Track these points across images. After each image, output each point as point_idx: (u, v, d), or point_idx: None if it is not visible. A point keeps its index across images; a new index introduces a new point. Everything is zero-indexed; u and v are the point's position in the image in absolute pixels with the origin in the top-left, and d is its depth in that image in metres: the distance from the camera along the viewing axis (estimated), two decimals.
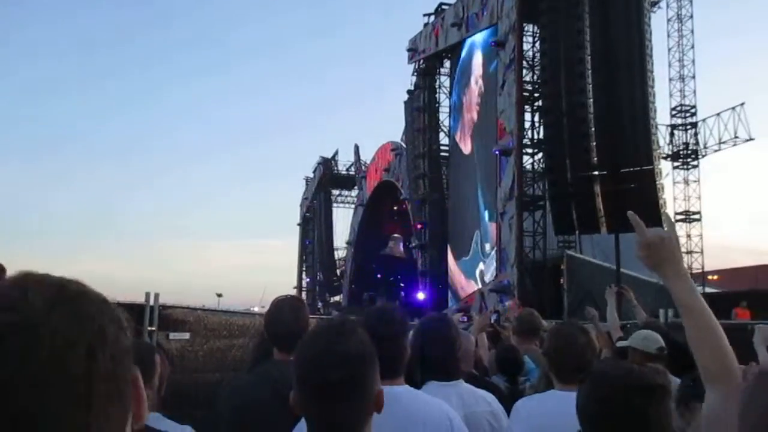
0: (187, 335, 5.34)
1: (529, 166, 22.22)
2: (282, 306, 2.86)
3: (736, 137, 22.20)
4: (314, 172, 49.90)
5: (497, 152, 22.58)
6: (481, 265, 24.36)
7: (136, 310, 5.04)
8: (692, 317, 1.62)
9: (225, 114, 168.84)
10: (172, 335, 5.22)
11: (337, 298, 46.34)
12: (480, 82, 25.75)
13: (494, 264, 22.50)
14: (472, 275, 25.34)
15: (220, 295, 44.10)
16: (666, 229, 1.77)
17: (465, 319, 5.94)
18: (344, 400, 1.43)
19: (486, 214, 24.56)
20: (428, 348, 2.61)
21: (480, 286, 23.75)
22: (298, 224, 54.28)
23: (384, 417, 1.73)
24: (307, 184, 52.61)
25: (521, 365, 4.31)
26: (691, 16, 23.40)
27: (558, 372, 2.62)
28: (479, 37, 25.60)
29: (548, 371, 3.25)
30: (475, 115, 26.41)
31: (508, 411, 2.68)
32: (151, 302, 5.09)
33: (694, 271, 23.49)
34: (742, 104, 21.99)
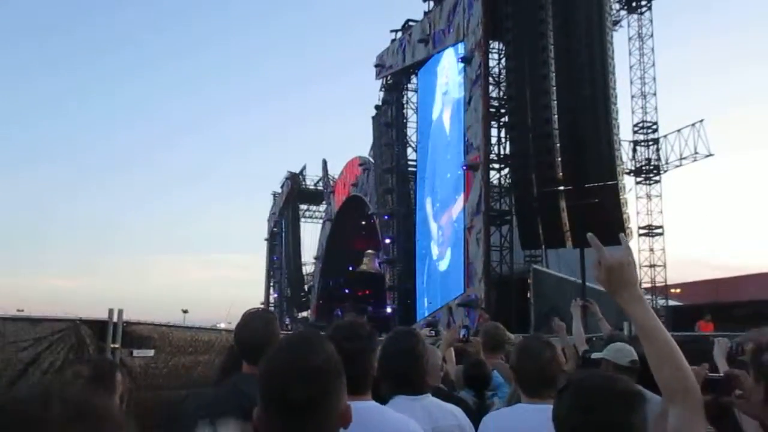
0: (151, 352, 5.25)
1: (495, 181, 22.42)
2: (253, 318, 2.83)
3: (696, 153, 22.70)
4: (282, 187, 49.70)
5: (464, 167, 22.77)
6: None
7: (98, 327, 4.95)
8: (651, 338, 1.68)
9: (191, 128, 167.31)
10: (136, 352, 5.13)
11: (304, 313, 46.05)
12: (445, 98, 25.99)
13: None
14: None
15: (185, 311, 43.52)
16: (623, 251, 1.78)
17: (433, 333, 5.94)
18: (310, 417, 1.38)
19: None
20: (395, 362, 2.60)
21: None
22: (266, 239, 53.90)
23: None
24: (274, 199, 52.34)
25: (489, 379, 4.33)
26: (652, 35, 23.96)
27: (524, 386, 2.64)
28: (448, 52, 25.86)
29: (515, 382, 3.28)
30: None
31: (476, 425, 2.68)
32: (115, 319, 5.00)
33: (658, 284, 23.86)
34: (701, 121, 22.53)
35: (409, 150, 30.73)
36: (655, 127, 23.57)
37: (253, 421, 1.43)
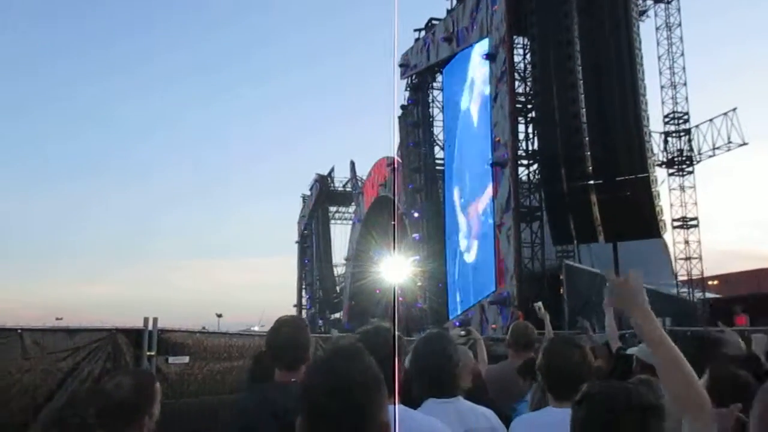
0: (186, 359, 5.32)
1: (524, 177, 22.25)
2: (284, 326, 2.86)
3: (729, 142, 22.27)
4: (311, 189, 49.93)
5: (491, 164, 22.66)
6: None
7: (134, 336, 5.03)
8: (660, 351, 1.73)
9: (221, 136, 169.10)
10: (172, 359, 5.20)
11: (337, 315, 46.20)
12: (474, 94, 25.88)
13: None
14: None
15: (220, 316, 44.05)
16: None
17: (464, 333, 5.91)
18: (352, 430, 1.40)
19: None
20: (426, 365, 2.60)
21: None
22: (297, 242, 54.21)
23: None
24: (304, 202, 52.61)
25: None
26: (680, 24, 23.56)
27: (552, 389, 2.58)
28: (470, 51, 25.77)
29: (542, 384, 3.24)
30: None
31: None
32: (150, 327, 5.07)
33: (694, 277, 23.44)
34: (734, 110, 22.09)
35: (437, 149, 30.67)
36: (686, 117, 23.17)
37: (297, 430, 1.44)
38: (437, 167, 30.19)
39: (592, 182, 19.18)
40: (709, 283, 25.90)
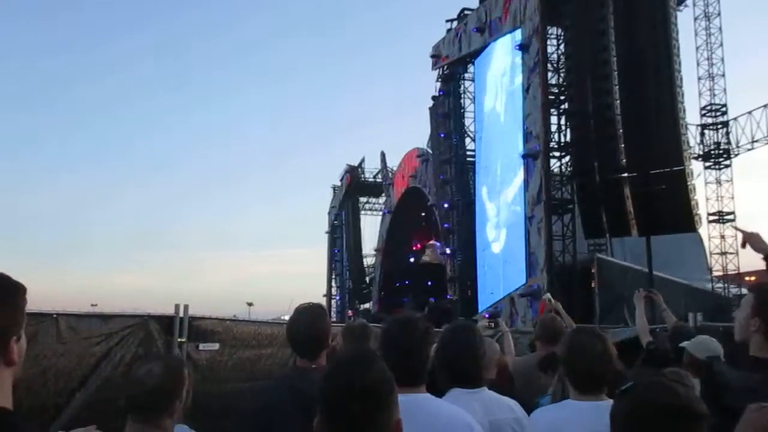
0: (216, 346, 5.41)
1: (556, 170, 22.05)
2: (303, 314, 2.89)
3: None
4: (341, 180, 50.08)
5: (523, 156, 22.48)
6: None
7: (165, 322, 5.12)
8: None
9: (253, 128, 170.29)
10: (202, 346, 5.30)
11: (366, 305, 46.36)
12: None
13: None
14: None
15: (250, 304, 44.54)
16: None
17: (492, 325, 5.91)
18: (365, 430, 1.48)
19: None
20: (451, 355, 2.61)
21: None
22: (326, 232, 54.46)
23: (408, 425, 1.74)
24: (334, 193, 52.81)
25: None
26: (719, 14, 23.11)
27: (574, 381, 2.56)
28: (503, 41, 25.56)
29: (563, 376, 3.22)
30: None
31: None
32: (181, 314, 5.17)
33: (730, 272, 23.05)
34: None
35: (467, 140, 30.51)
36: (724, 109, 22.77)
37: (315, 428, 1.52)
38: (468, 158, 30.05)
39: (625, 175, 18.91)
40: (746, 278, 25.43)
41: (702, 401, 1.58)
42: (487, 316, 22.55)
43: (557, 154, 21.99)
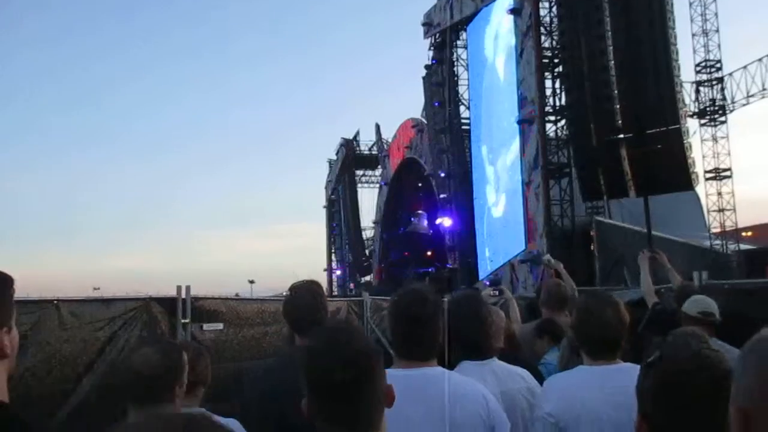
0: (220, 326, 5.40)
1: (552, 134, 21.91)
2: (299, 292, 2.86)
3: (764, 89, 21.68)
4: (337, 154, 49.91)
5: (518, 122, 22.36)
6: None
7: (168, 304, 5.10)
8: None
9: (248, 106, 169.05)
10: (206, 326, 5.28)
11: (367, 277, 46.54)
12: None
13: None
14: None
15: (252, 282, 44.65)
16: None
17: (496, 293, 5.89)
18: (356, 398, 1.46)
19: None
20: (460, 327, 2.58)
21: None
22: (324, 207, 54.46)
23: (421, 399, 1.71)
24: (330, 167, 52.66)
25: (562, 335, 4.24)
26: None
27: (586, 347, 2.52)
28: (495, 6, 25.25)
29: (572, 342, 3.19)
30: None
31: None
32: (183, 295, 5.14)
33: (728, 229, 23.08)
34: None
35: (462, 108, 30.31)
36: (718, 65, 22.58)
37: (303, 409, 1.50)
38: (463, 127, 29.89)
39: (622, 136, 18.82)
40: (744, 234, 25.51)
41: (729, 360, 1.53)
42: (487, 283, 22.61)
43: (553, 118, 21.84)
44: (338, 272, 51.46)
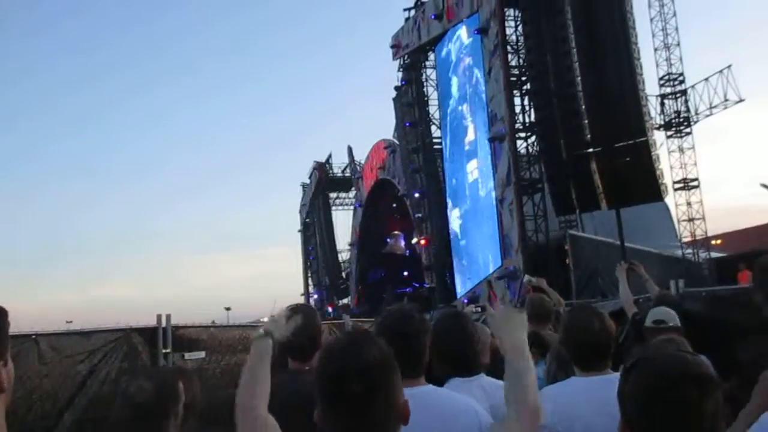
0: (202, 354, 5.35)
1: (523, 150, 22.17)
2: (295, 314, 2.85)
3: (726, 100, 22.18)
4: (310, 177, 49.86)
5: (489, 140, 22.60)
6: None
7: (148, 334, 5.04)
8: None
9: (222, 132, 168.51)
10: (188, 355, 5.23)
11: (345, 300, 46.34)
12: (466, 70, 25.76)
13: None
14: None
15: (228, 309, 44.15)
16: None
17: (479, 309, 5.92)
18: (369, 411, 1.40)
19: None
20: (448, 345, 2.60)
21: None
22: (299, 231, 54.25)
23: (414, 418, 1.71)
24: (304, 190, 52.56)
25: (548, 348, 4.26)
26: None
27: (577, 359, 2.57)
28: (461, 26, 25.61)
29: (558, 355, 3.23)
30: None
31: None
32: (163, 324, 5.09)
33: (698, 237, 23.44)
34: (729, 67, 21.97)
35: (433, 128, 30.55)
36: (681, 78, 23.04)
37: (315, 419, 1.44)
38: (435, 146, 30.12)
39: (591, 150, 19.13)
40: (713, 242, 25.92)
41: (711, 366, 1.55)
42: (465, 301, 22.70)
43: (523, 134, 22.12)
44: (315, 296, 51.14)
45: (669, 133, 23.44)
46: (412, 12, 30.20)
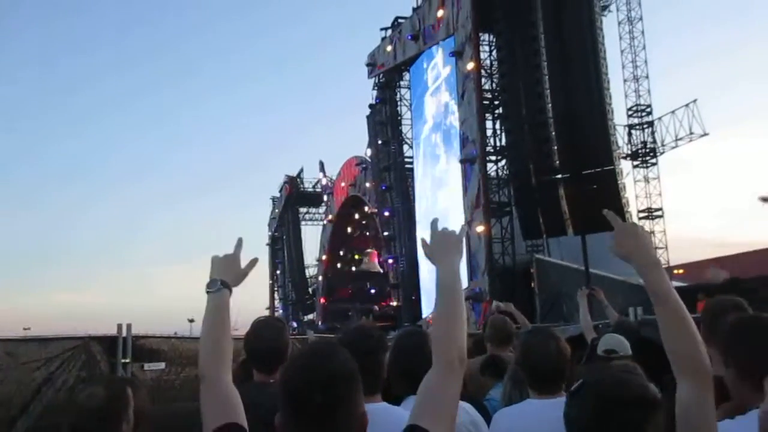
0: (162, 365, 5.28)
1: (493, 173, 22.44)
2: (262, 327, 2.85)
3: (691, 133, 22.78)
4: (280, 191, 49.67)
5: (460, 161, 22.82)
6: None
7: (108, 343, 4.97)
8: (666, 307, 1.68)
9: (192, 143, 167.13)
10: (147, 366, 5.16)
11: (310, 316, 46.06)
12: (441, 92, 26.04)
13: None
14: None
15: (192, 321, 43.49)
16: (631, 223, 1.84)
17: None
18: (330, 421, 1.41)
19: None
20: (406, 363, 2.62)
21: None
22: (267, 244, 53.90)
23: None
24: (273, 204, 52.32)
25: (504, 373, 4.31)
26: (641, 18, 24.03)
27: (533, 382, 2.61)
28: (437, 48, 25.92)
29: (513, 374, 3.27)
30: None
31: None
32: (124, 333, 5.03)
33: None
34: (695, 101, 22.62)
35: (405, 147, 30.77)
36: (649, 110, 23.63)
37: (276, 427, 1.46)
38: (407, 165, 30.30)
39: (559, 176, 19.42)
40: (675, 272, 26.41)
41: (655, 389, 1.58)
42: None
43: (494, 158, 22.40)
44: (280, 311, 50.76)
45: (635, 162, 23.96)
46: (389, 32, 30.49)
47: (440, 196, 25.76)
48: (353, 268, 39.94)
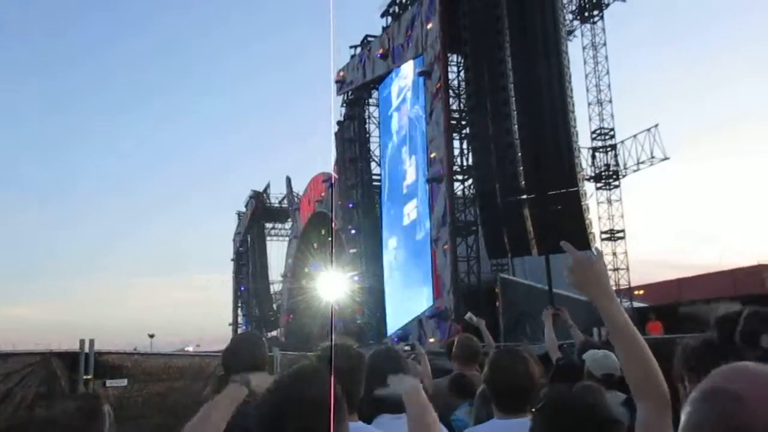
0: (124, 381, 5.17)
1: (460, 193, 22.62)
2: (241, 342, 2.82)
3: (652, 157, 23.25)
4: (246, 206, 49.32)
5: (427, 180, 22.97)
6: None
7: (69, 359, 4.86)
8: (622, 336, 1.69)
9: (155, 155, 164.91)
10: (109, 382, 5.05)
11: (274, 332, 45.61)
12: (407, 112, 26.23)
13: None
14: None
15: (152, 336, 42.78)
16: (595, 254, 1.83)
17: (408, 348, 5.95)
18: None
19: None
20: (378, 381, 2.62)
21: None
22: (232, 259, 53.36)
23: None
24: (239, 219, 51.89)
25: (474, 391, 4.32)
26: (605, 44, 24.55)
27: (498, 401, 2.62)
28: (405, 67, 26.14)
29: (482, 393, 3.29)
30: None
31: None
32: (86, 349, 4.91)
33: (622, 287, 24.25)
34: (656, 126, 23.10)
35: (373, 164, 30.85)
36: (612, 133, 24.06)
37: None
38: (374, 183, 30.37)
39: (525, 197, 19.66)
40: (636, 293, 26.84)
41: (611, 408, 1.62)
42: (396, 339, 22.71)
43: (460, 177, 22.59)
44: (243, 327, 50.16)
45: (599, 184, 24.34)
46: (358, 49, 30.66)
47: (406, 210, 25.86)
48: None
